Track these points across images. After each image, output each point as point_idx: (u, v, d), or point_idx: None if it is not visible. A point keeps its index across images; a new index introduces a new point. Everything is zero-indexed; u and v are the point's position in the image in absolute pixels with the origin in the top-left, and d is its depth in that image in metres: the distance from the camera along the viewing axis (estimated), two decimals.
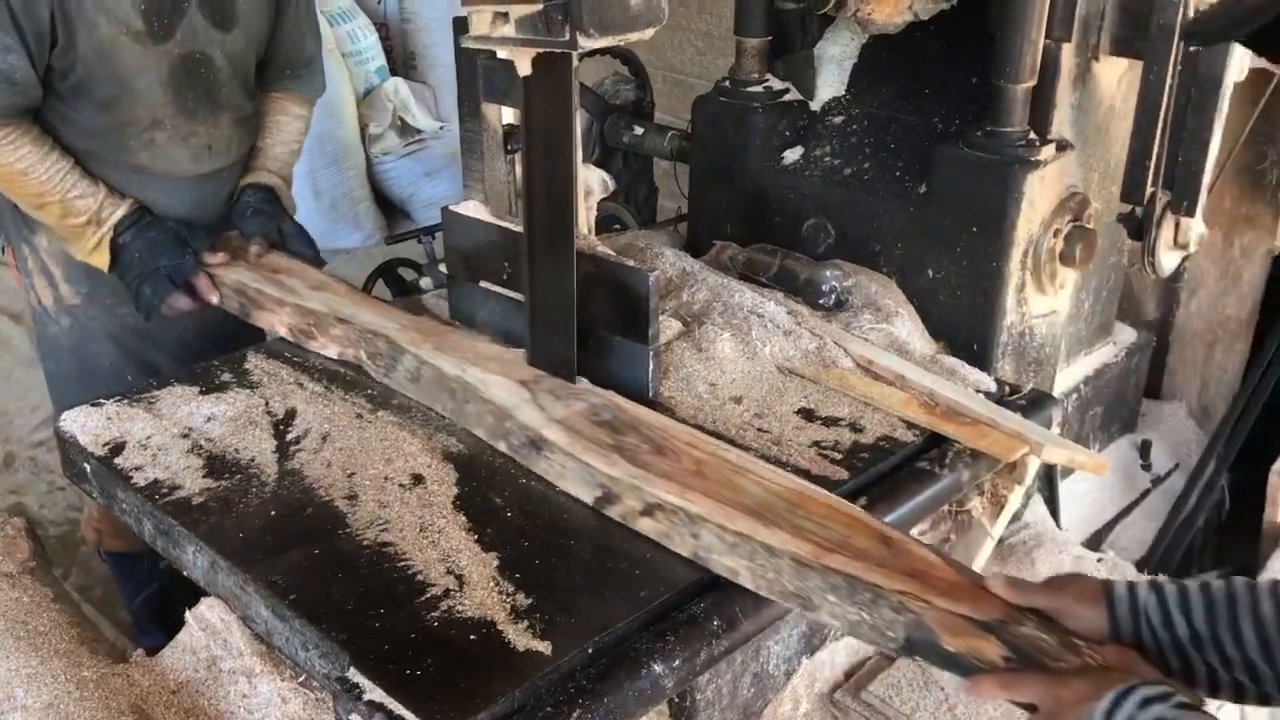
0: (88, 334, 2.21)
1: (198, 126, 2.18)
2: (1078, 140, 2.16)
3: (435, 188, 5.16)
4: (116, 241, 2.05)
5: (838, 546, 1.39)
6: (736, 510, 1.46)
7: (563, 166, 1.79)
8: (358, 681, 1.31)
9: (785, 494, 1.51)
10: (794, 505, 1.49)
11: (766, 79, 2.42)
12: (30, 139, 2.02)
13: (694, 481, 1.53)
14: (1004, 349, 2.14)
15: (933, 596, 1.30)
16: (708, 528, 1.46)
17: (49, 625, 1.60)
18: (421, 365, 1.80)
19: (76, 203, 2.04)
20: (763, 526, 1.43)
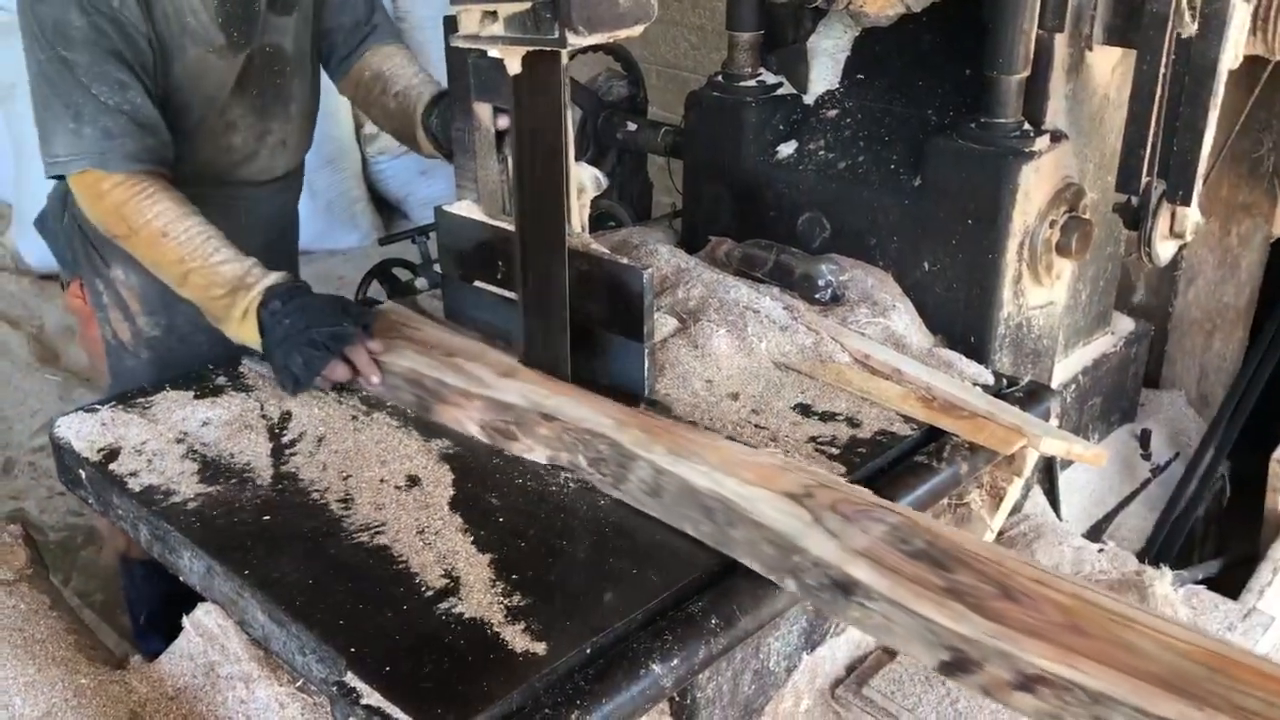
0: (166, 365, 2.08)
1: (271, 124, 2.11)
2: (1072, 130, 2.16)
3: (432, 187, 5.15)
4: (265, 308, 1.79)
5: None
6: (1148, 683, 1.12)
7: (553, 164, 1.78)
8: (355, 686, 1.31)
9: (1199, 655, 1.16)
10: (1215, 671, 1.14)
11: (759, 73, 2.42)
12: (170, 198, 1.83)
13: (1073, 640, 1.18)
14: (1001, 341, 2.14)
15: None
16: (1121, 711, 1.12)
17: (46, 633, 1.60)
18: (660, 475, 1.50)
19: (221, 269, 1.80)
20: (1193, 709, 1.09)
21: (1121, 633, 1.20)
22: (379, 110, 2.27)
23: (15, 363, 4.01)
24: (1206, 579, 2.34)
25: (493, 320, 2.08)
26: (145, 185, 1.82)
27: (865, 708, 1.89)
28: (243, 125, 2.06)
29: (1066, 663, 1.15)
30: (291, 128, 2.17)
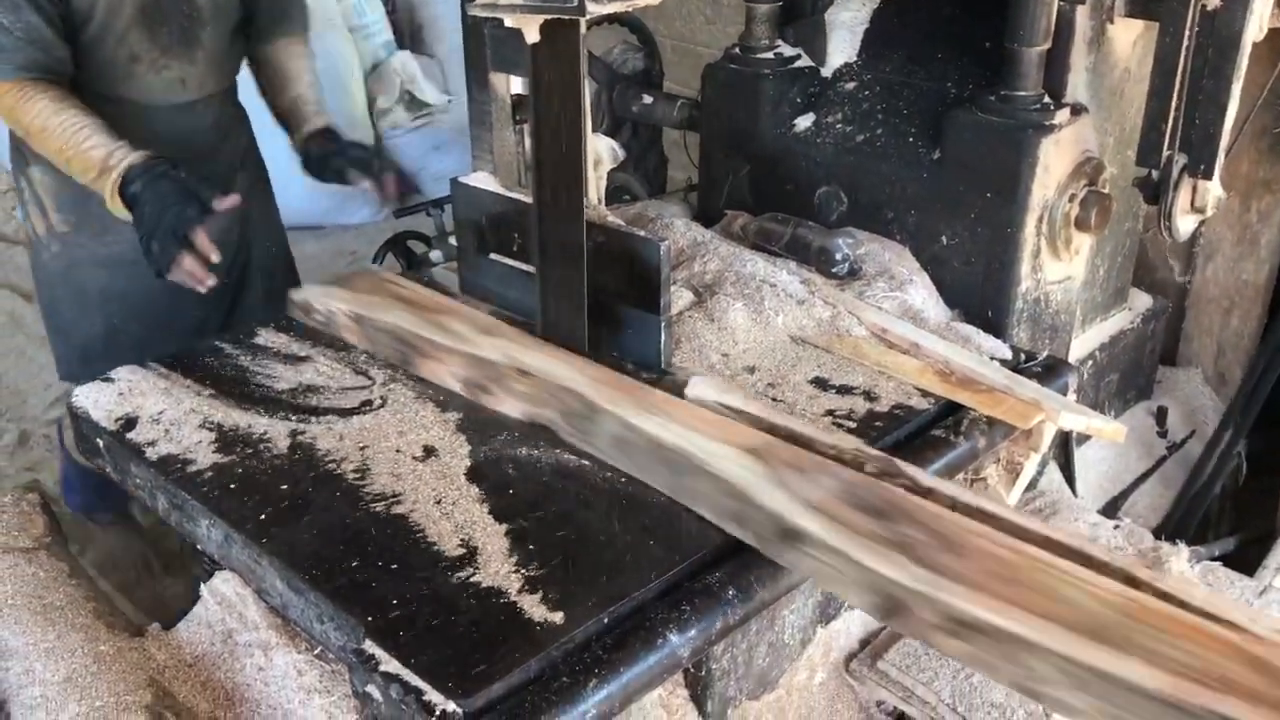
0: (75, 260, 2.27)
1: (171, 62, 2.24)
2: (1093, 104, 2.14)
3: (444, 161, 5.14)
4: (127, 191, 2.01)
5: (1202, 677, 1.11)
6: (1068, 630, 1.16)
7: (572, 135, 1.77)
8: (373, 653, 1.31)
9: (1119, 604, 1.21)
10: (1132, 619, 1.19)
11: (777, 45, 2.40)
12: (49, 97, 2.05)
13: (1006, 590, 1.22)
14: (1019, 316, 2.12)
15: None
16: (1040, 655, 1.16)
17: (65, 600, 1.61)
18: (628, 430, 1.54)
19: (91, 153, 2.02)
20: (1108, 652, 1.13)
21: (1053, 584, 1.23)
22: (271, 102, 2.49)
23: (29, 335, 4.02)
24: (1223, 556, 2.33)
25: (509, 293, 2.08)
26: (29, 90, 2.04)
27: (879, 681, 1.89)
28: (145, 58, 2.20)
29: (994, 610, 1.19)
30: (193, 70, 2.28)
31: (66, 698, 1.40)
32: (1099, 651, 1.14)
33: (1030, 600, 1.20)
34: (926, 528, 1.32)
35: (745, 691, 1.81)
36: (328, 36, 4.88)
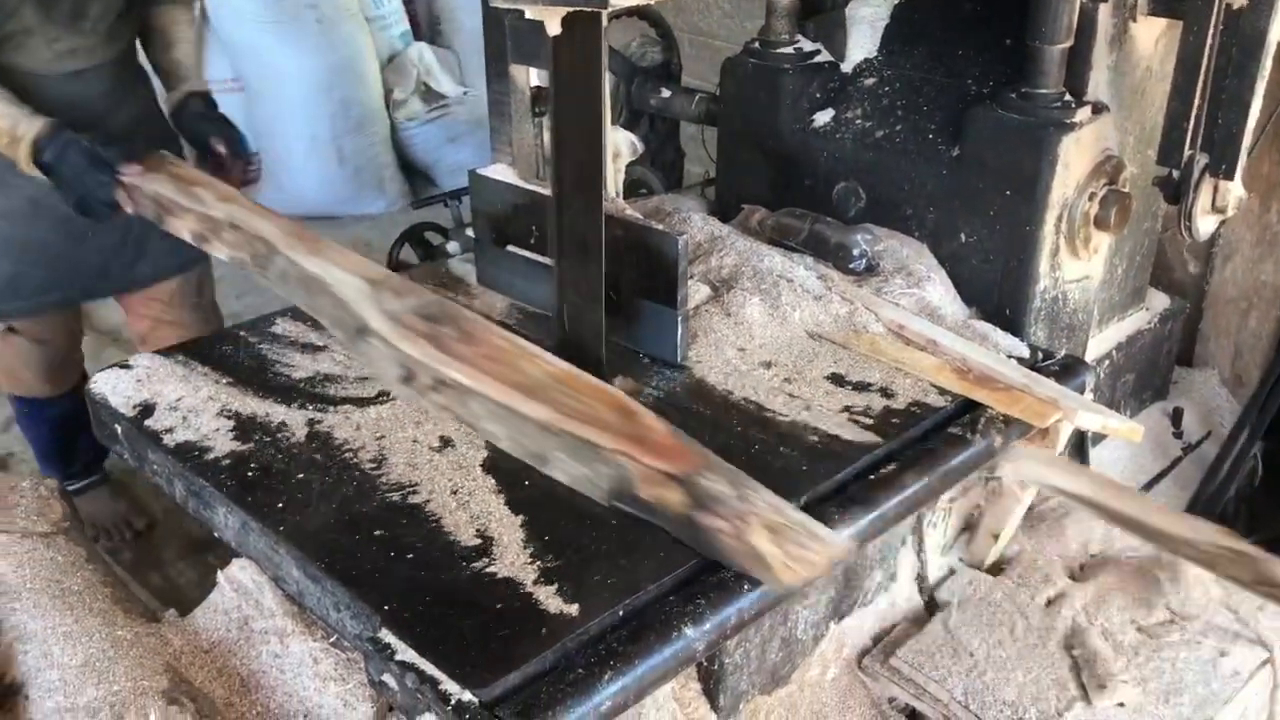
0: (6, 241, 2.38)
1: (60, 33, 2.33)
2: (1114, 102, 2.13)
3: (459, 153, 5.15)
4: (40, 159, 2.18)
5: (579, 415, 1.54)
6: (508, 386, 1.59)
7: (592, 127, 1.77)
8: (389, 642, 1.31)
9: (559, 375, 1.63)
10: (561, 383, 1.61)
11: (797, 40, 2.39)
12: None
13: (484, 364, 1.63)
14: (1037, 314, 2.12)
15: (641, 455, 1.46)
16: (477, 399, 1.58)
17: (83, 585, 1.62)
18: (290, 265, 1.88)
19: None
20: (524, 399, 1.56)
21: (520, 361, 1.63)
22: (153, 60, 2.58)
23: None
24: None
25: (526, 285, 2.08)
26: None
27: (892, 678, 1.89)
28: (38, 31, 2.30)
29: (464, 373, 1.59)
30: (81, 41, 2.36)
31: (84, 681, 1.41)
32: (517, 397, 1.55)
33: (496, 371, 1.60)
34: (459, 328, 1.69)
35: (758, 686, 1.82)
36: (343, 25, 4.88)
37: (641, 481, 1.46)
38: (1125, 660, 1.87)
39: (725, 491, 1.40)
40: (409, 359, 1.66)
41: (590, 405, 1.58)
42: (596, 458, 1.49)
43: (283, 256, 1.89)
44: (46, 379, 2.60)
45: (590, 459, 1.50)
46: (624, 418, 1.56)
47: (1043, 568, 2.07)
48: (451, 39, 5.73)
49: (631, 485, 1.46)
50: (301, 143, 4.80)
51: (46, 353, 2.55)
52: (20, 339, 2.49)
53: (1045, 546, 2.13)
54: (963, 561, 2.11)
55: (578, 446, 1.51)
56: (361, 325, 1.73)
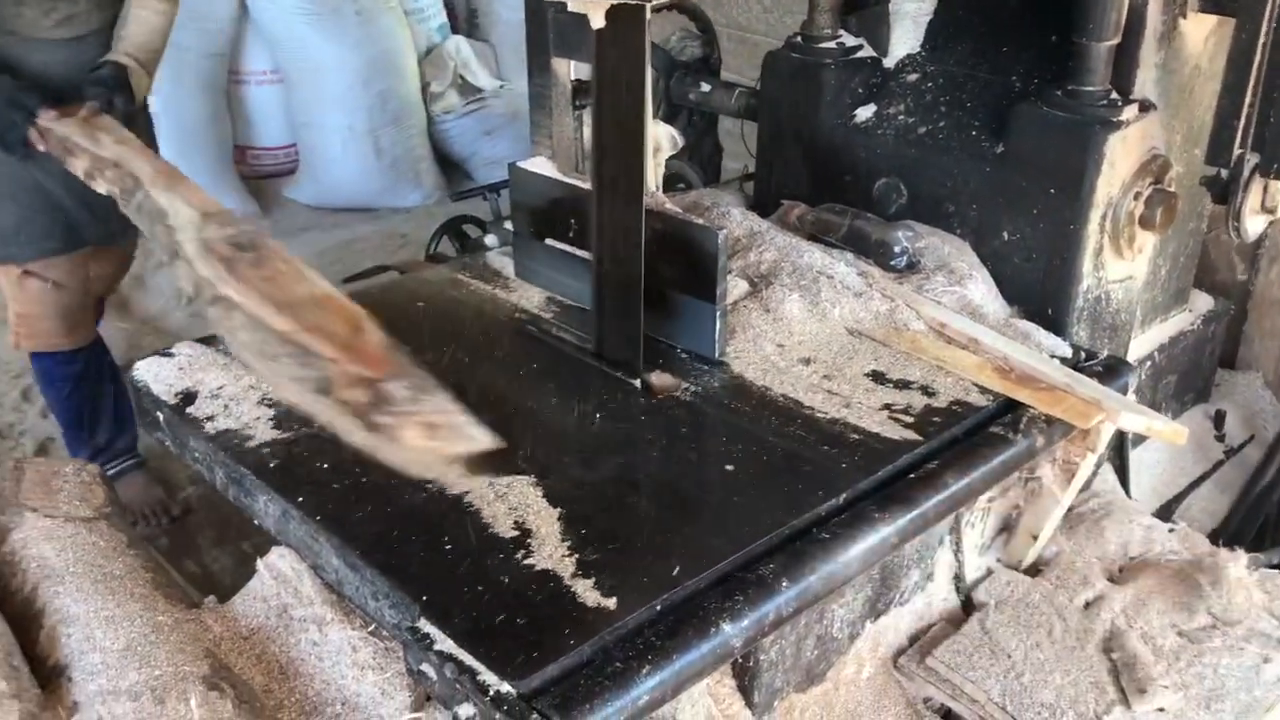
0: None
1: (58, 2, 2.42)
2: (1161, 101, 2.10)
3: (495, 147, 5.15)
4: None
5: (314, 328, 1.64)
6: (270, 303, 1.69)
7: (634, 121, 1.77)
8: (428, 632, 1.32)
9: (319, 296, 1.74)
10: (316, 302, 1.72)
11: (839, 34, 2.38)
12: None
13: (260, 285, 1.74)
14: (1079, 314, 2.10)
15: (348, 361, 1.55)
16: (239, 312, 1.69)
17: (124, 570, 1.63)
18: (145, 198, 2.04)
19: None
20: (275, 313, 1.67)
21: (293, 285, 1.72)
22: None
23: None
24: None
25: (564, 278, 2.08)
26: None
27: (928, 678, 1.88)
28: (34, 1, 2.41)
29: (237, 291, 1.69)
30: (78, 10, 2.46)
31: (126, 665, 1.42)
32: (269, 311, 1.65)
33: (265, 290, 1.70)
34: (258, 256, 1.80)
35: (793, 684, 1.81)
36: (382, 18, 4.90)
37: (340, 383, 1.56)
38: (1165, 665, 1.85)
39: (401, 393, 1.50)
40: (198, 278, 1.83)
41: (329, 320, 1.71)
42: (312, 362, 1.62)
43: (142, 191, 2.08)
44: (65, 329, 2.68)
45: (308, 363, 1.63)
46: (353, 332, 1.69)
47: (1081, 569, 2.05)
48: (488, 32, 5.74)
49: (330, 385, 1.58)
50: (339, 134, 4.82)
51: (63, 298, 2.63)
52: (36, 281, 2.58)
53: (1084, 548, 2.11)
54: (1000, 562, 2.10)
55: (300, 352, 1.65)
56: (176, 248, 1.91)
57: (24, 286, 2.58)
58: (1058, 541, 2.11)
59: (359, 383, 1.53)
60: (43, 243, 2.52)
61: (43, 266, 2.56)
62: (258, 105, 4.89)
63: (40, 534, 1.66)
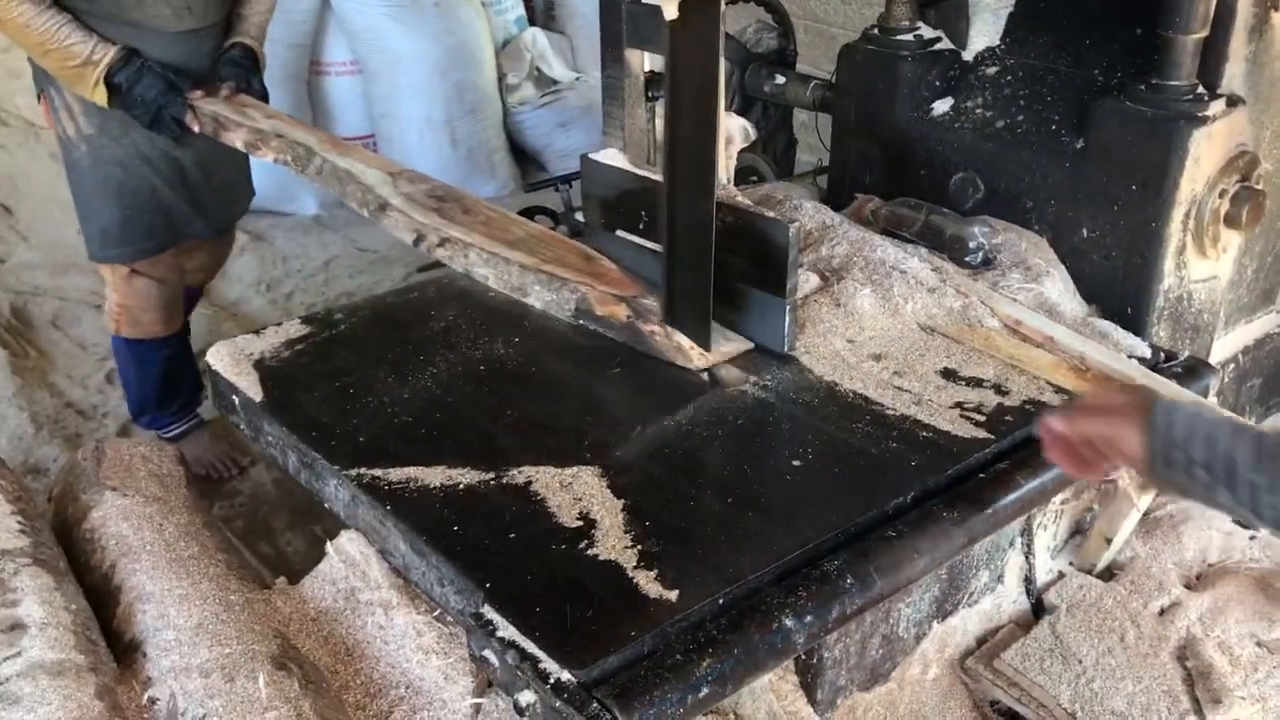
0: (100, 158, 2.56)
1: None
2: (1249, 95, 2.04)
3: (570, 139, 5.17)
4: (112, 81, 2.39)
5: (552, 260, 2.05)
6: (499, 242, 2.08)
7: (707, 113, 1.76)
8: (491, 618, 1.33)
9: (537, 234, 2.16)
10: (539, 240, 2.13)
11: (918, 27, 2.35)
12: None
13: (479, 227, 2.12)
14: (1160, 314, 2.05)
15: (596, 284, 1.98)
16: (474, 250, 2.05)
17: (199, 550, 1.66)
18: (324, 163, 2.29)
19: (72, 49, 2.36)
20: (508, 248, 2.06)
21: (509, 225, 2.17)
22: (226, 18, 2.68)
23: None
24: None
25: (634, 269, 2.08)
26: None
27: (995, 680, 1.85)
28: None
29: (463, 233, 2.09)
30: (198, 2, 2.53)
31: (198, 643, 1.45)
32: (503, 247, 2.06)
33: (488, 231, 2.12)
34: (461, 204, 2.19)
35: (856, 682, 1.79)
36: (460, 10, 4.94)
37: (597, 303, 1.92)
38: (1243, 675, 1.80)
39: (656, 306, 1.90)
40: (420, 224, 2.10)
41: (559, 253, 2.08)
42: (564, 287, 1.97)
43: (319, 157, 2.31)
44: (164, 319, 2.77)
45: (559, 289, 1.97)
46: (585, 260, 2.07)
47: (1157, 575, 2.00)
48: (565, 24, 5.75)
49: (590, 305, 1.93)
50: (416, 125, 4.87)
51: (165, 291, 2.72)
52: (143, 279, 2.67)
53: (1160, 553, 2.05)
54: (1073, 565, 2.06)
55: (549, 280, 1.99)
56: (383, 203, 2.16)
57: (131, 284, 2.67)
58: (1133, 546, 2.06)
59: (615, 301, 1.92)
60: (145, 242, 2.60)
61: (147, 265, 2.65)
62: (337, 96, 4.95)
63: (119, 512, 1.70)
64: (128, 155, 2.56)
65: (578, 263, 2.04)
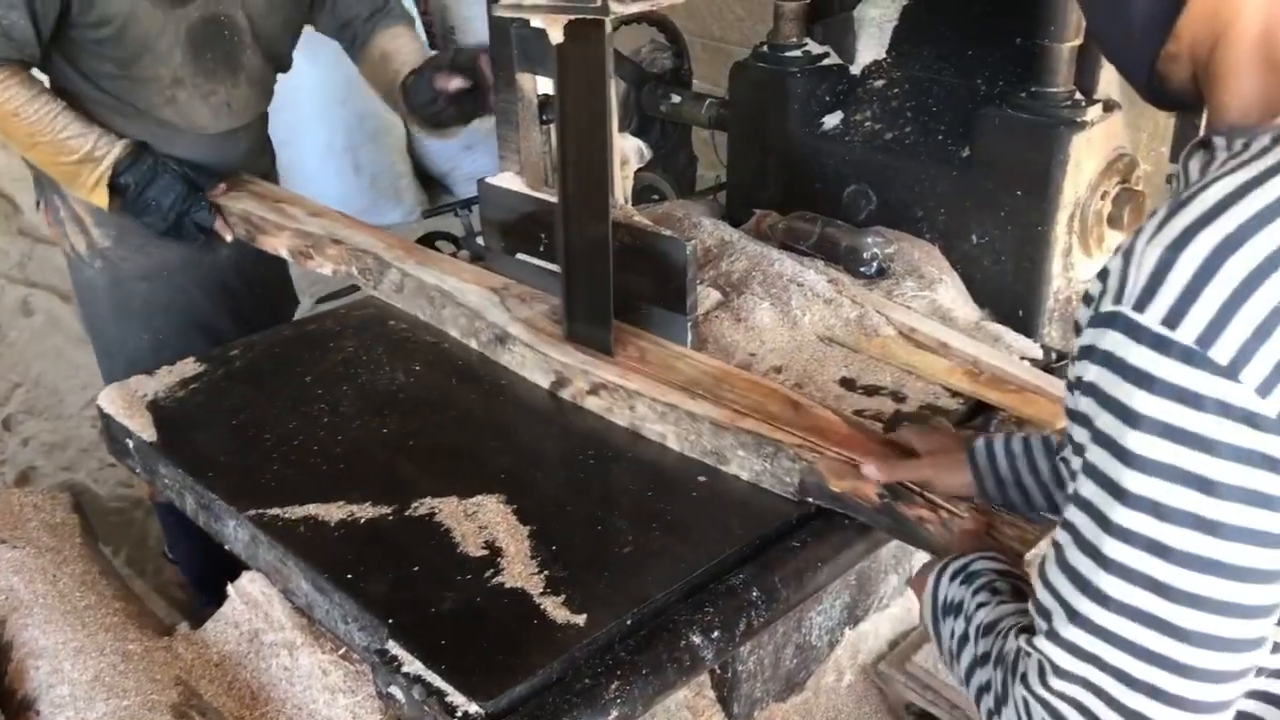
0: (120, 275, 2.26)
1: (217, 86, 2.20)
2: (1125, 100, 2.10)
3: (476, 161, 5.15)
4: (118, 181, 2.09)
5: (751, 411, 1.61)
6: (669, 387, 1.68)
7: (597, 135, 1.77)
8: (396, 654, 1.31)
9: (713, 372, 1.73)
10: (720, 380, 1.70)
11: (805, 43, 2.38)
12: (18, 81, 2.03)
13: (636, 365, 1.75)
14: (1050, 315, 2.10)
15: (825, 447, 1.52)
16: (642, 401, 1.67)
17: (95, 600, 1.62)
18: (405, 277, 2.01)
19: (68, 142, 2.06)
20: (689, 399, 1.64)
21: (671, 361, 1.77)
22: (386, 85, 2.38)
23: (66, 336, 4.07)
24: None
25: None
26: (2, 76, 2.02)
27: (908, 683, 1.88)
28: (190, 83, 2.17)
29: (621, 377, 1.72)
30: (238, 94, 2.26)
31: (94, 697, 1.41)
32: (681, 396, 1.65)
33: (651, 372, 1.73)
34: None
35: (772, 693, 1.80)
36: None
37: (831, 475, 1.48)
38: None
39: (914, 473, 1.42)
40: (560, 365, 1.75)
41: (753, 398, 1.64)
42: (779, 453, 1.53)
43: (395, 269, 2.00)
44: None
45: (772, 455, 1.53)
46: (792, 408, 1.61)
47: None
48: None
49: (822, 479, 1.49)
50: (317, 152, 4.82)
51: None
52: None
53: None
54: None
55: (756, 443, 1.55)
56: (500, 333, 1.84)
57: None
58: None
59: (856, 471, 1.45)
60: None
61: None
62: None
63: (8, 566, 1.65)
64: (154, 267, 2.26)
65: (783, 411, 1.61)
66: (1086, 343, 0.88)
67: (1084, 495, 0.88)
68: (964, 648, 1.08)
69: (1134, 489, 0.83)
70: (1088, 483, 0.87)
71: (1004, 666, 0.98)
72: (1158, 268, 0.82)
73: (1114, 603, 0.85)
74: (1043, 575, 0.92)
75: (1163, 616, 0.83)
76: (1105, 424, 0.85)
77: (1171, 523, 0.82)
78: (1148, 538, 0.83)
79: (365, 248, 2.06)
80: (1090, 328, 0.88)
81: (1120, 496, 0.84)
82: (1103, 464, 0.86)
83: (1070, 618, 0.88)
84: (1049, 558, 0.92)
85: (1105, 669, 0.86)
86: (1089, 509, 0.87)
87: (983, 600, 1.10)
